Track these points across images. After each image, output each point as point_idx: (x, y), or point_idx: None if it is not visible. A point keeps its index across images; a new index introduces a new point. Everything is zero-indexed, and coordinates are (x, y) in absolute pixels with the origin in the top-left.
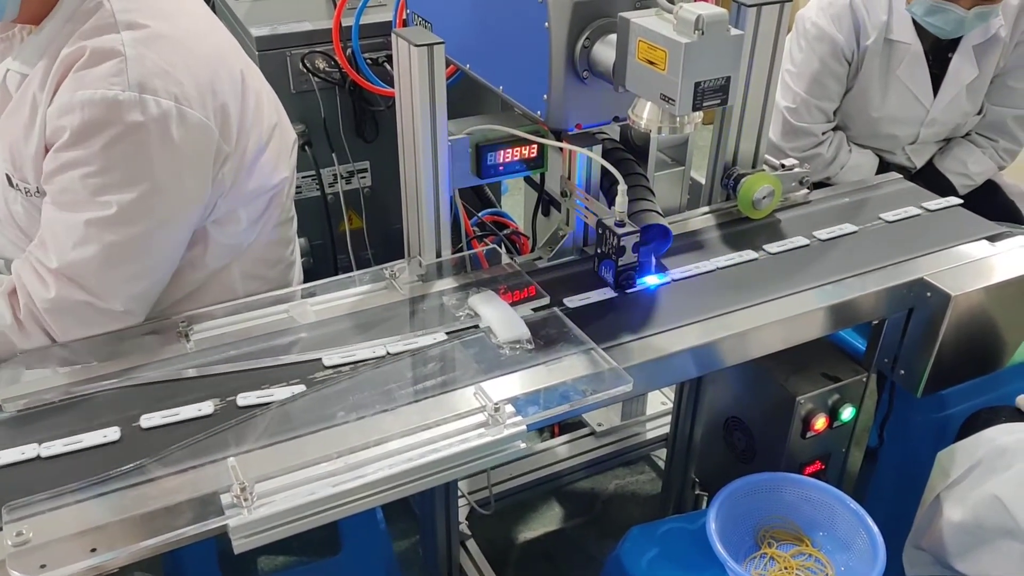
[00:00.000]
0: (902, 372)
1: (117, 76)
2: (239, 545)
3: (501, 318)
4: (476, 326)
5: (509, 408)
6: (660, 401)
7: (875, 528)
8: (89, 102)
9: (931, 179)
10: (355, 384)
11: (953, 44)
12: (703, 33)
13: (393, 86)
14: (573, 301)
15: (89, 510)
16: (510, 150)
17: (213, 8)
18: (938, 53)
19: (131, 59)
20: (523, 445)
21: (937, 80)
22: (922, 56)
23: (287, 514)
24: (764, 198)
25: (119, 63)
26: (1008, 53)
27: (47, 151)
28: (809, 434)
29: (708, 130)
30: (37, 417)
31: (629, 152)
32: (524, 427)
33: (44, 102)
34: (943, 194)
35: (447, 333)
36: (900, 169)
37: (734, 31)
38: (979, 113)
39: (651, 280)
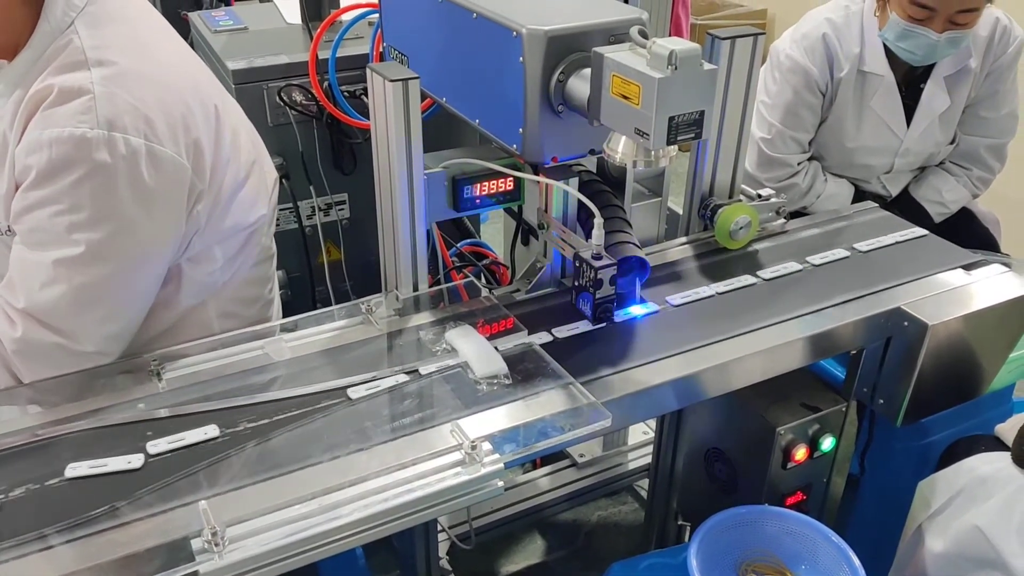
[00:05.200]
0: (881, 401)
1: (85, 114)
2: None
3: (478, 353)
4: (453, 362)
5: (486, 446)
6: (642, 431)
7: (857, 562)
8: (57, 140)
9: (906, 207)
10: (330, 422)
11: (925, 75)
12: (676, 68)
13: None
14: (551, 334)
15: (55, 557)
16: (487, 183)
17: (190, 42)
18: (911, 84)
19: (100, 97)
20: (501, 484)
21: (910, 111)
22: (895, 87)
23: (260, 558)
24: (741, 228)
25: (88, 101)
26: (979, 83)
27: (17, 190)
28: (790, 465)
29: (686, 157)
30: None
31: (606, 183)
32: (502, 465)
33: (13, 140)
34: (919, 222)
35: (423, 369)
36: (876, 198)
37: (707, 65)
38: (952, 143)
39: (632, 311)
